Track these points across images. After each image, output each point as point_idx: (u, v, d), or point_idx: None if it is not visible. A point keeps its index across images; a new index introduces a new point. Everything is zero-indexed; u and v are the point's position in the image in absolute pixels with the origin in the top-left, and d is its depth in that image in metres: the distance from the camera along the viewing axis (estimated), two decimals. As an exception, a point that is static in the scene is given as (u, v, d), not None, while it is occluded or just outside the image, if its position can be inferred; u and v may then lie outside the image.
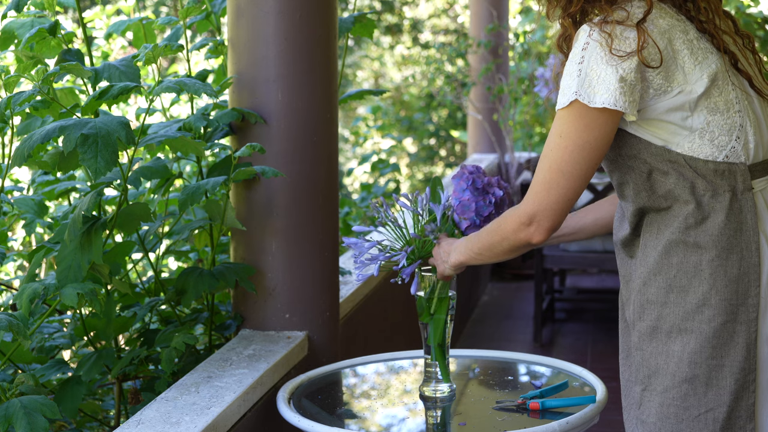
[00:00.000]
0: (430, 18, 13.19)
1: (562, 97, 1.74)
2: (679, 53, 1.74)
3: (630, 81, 1.69)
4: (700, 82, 1.73)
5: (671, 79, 1.73)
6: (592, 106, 1.70)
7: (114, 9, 4.15)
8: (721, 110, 1.75)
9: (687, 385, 1.77)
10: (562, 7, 1.81)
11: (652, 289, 1.80)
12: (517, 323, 5.62)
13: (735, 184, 1.76)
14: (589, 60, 1.71)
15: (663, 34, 1.73)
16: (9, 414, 1.97)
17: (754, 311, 1.75)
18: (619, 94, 1.69)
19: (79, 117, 2.23)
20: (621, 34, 1.71)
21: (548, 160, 1.76)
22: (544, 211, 1.78)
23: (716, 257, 1.75)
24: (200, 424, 1.95)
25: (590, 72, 1.70)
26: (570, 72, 1.73)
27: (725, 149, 1.75)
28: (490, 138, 7.10)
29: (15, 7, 2.38)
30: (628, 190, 1.84)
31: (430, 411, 2.16)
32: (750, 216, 1.76)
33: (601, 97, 1.69)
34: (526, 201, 1.80)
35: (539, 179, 1.78)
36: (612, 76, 1.69)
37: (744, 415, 1.76)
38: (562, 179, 1.75)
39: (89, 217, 2.27)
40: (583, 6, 1.79)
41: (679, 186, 1.77)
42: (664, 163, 1.77)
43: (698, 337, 1.76)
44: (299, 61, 2.52)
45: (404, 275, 2.10)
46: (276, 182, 2.52)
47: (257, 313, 2.58)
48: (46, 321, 2.61)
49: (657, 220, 1.82)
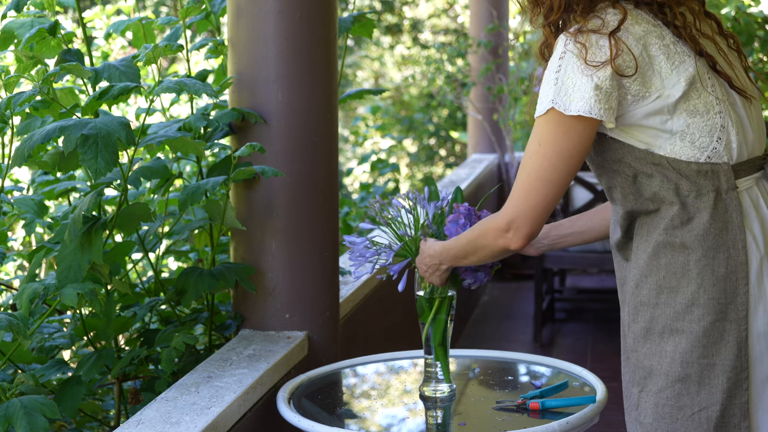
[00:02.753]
0: (430, 18, 13.19)
1: (539, 105, 1.77)
2: (655, 59, 1.75)
3: (605, 89, 1.71)
4: (677, 86, 1.75)
5: (648, 84, 1.74)
6: (568, 114, 1.72)
7: (114, 9, 4.15)
8: (700, 112, 1.76)
9: (680, 385, 1.78)
10: (544, 15, 1.83)
11: (644, 291, 1.82)
12: (517, 323, 5.62)
13: (719, 184, 1.77)
14: (566, 69, 1.73)
15: (638, 41, 1.74)
16: (9, 414, 1.97)
17: (744, 309, 1.76)
18: (594, 102, 1.70)
19: (79, 117, 2.23)
20: (596, 43, 1.72)
21: (527, 167, 1.78)
22: (523, 217, 1.79)
23: (703, 257, 1.76)
24: (200, 424, 1.95)
25: (566, 80, 1.72)
26: (547, 80, 1.76)
27: (707, 150, 1.77)
28: (490, 138, 7.10)
29: (15, 7, 2.38)
30: (616, 193, 1.87)
31: (430, 411, 2.16)
32: (735, 215, 1.77)
33: (576, 104, 1.71)
34: (505, 208, 1.82)
35: (518, 186, 1.80)
36: (587, 85, 1.71)
37: (738, 413, 1.77)
38: (541, 185, 1.77)
39: (89, 217, 2.27)
40: (562, 16, 1.80)
41: (663, 188, 1.78)
42: (648, 165, 1.78)
43: (689, 336, 1.77)
44: (299, 61, 2.52)
45: (391, 272, 2.11)
46: (276, 182, 2.52)
47: (257, 313, 2.58)
48: (46, 321, 2.61)
49: (647, 222, 1.84)
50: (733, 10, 5.65)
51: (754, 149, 1.83)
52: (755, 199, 1.81)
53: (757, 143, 1.84)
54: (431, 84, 7.57)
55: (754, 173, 1.82)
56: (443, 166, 11.43)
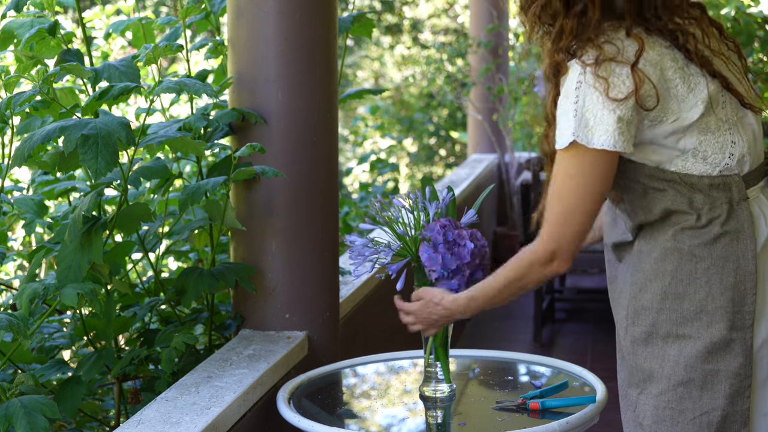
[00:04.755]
0: (430, 18, 13.19)
1: (560, 137, 1.75)
2: (672, 82, 1.73)
3: (627, 119, 1.70)
4: (695, 109, 1.74)
5: (666, 109, 1.73)
6: (591, 147, 1.71)
7: (114, 9, 4.15)
8: (712, 130, 1.76)
9: (682, 389, 1.78)
10: (553, 39, 1.78)
11: (647, 296, 1.82)
12: (517, 323, 5.62)
13: (731, 195, 1.77)
14: (584, 100, 1.70)
15: (655, 66, 1.72)
16: (9, 414, 1.97)
17: (750, 318, 1.76)
18: (618, 135, 1.69)
19: (79, 117, 2.23)
20: (616, 77, 1.69)
21: (561, 201, 1.77)
22: (565, 245, 1.80)
23: (712, 265, 1.76)
24: (200, 424, 1.95)
25: (586, 113, 1.70)
26: (566, 111, 1.73)
27: (719, 166, 1.77)
28: (490, 138, 7.10)
29: (15, 7, 2.38)
30: (624, 207, 1.87)
31: (430, 411, 2.16)
32: (747, 225, 1.77)
33: (599, 138, 1.70)
34: (544, 240, 1.81)
35: (554, 218, 1.79)
36: (610, 118, 1.69)
37: (739, 419, 1.77)
38: (579, 215, 1.77)
39: (89, 217, 2.27)
40: (574, 40, 1.75)
41: (677, 202, 1.78)
42: (659, 182, 1.78)
43: (695, 342, 1.77)
44: (299, 61, 2.52)
45: (390, 271, 2.11)
46: (276, 182, 2.52)
47: (257, 313, 2.58)
48: (46, 321, 2.61)
49: (654, 227, 1.83)
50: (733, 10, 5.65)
51: (759, 158, 1.83)
52: (763, 207, 1.80)
53: (761, 152, 1.84)
54: (431, 84, 7.57)
55: (759, 182, 1.82)
56: (443, 166, 11.42)
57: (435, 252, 2.02)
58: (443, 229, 2.05)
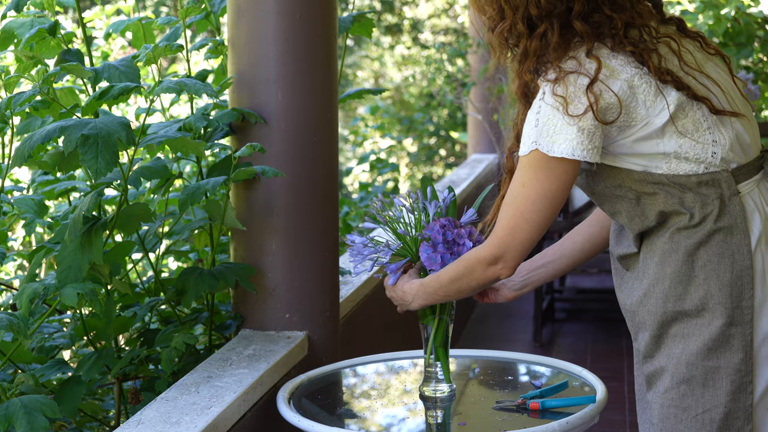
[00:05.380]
0: (430, 18, 13.19)
1: (522, 145, 1.79)
2: (638, 87, 1.74)
3: (588, 129, 1.72)
4: (663, 113, 1.75)
5: (633, 115, 1.75)
6: (551, 155, 1.73)
7: (114, 9, 4.15)
8: (690, 131, 1.76)
9: (685, 386, 1.80)
10: (518, 60, 1.82)
11: (651, 300, 1.84)
12: (517, 323, 5.62)
13: (721, 191, 1.78)
14: (546, 112, 1.74)
15: (618, 75, 1.74)
16: (9, 413, 1.97)
17: (749, 313, 1.77)
18: (577, 144, 1.72)
19: (79, 117, 2.23)
20: (573, 95, 1.72)
21: (512, 207, 1.81)
22: (510, 252, 1.85)
23: (708, 263, 1.78)
24: (200, 424, 1.95)
25: (547, 122, 1.73)
26: (529, 120, 1.77)
27: (704, 163, 1.77)
28: (490, 138, 7.10)
29: (15, 7, 2.38)
30: (622, 218, 1.88)
31: (430, 411, 2.16)
32: (740, 219, 1.78)
33: (560, 147, 1.73)
34: (491, 244, 1.86)
35: (503, 224, 1.83)
36: (571, 129, 1.72)
37: (742, 416, 1.78)
38: (526, 225, 1.81)
39: (89, 217, 2.27)
40: (538, 61, 1.79)
41: (669, 203, 1.79)
42: (649, 185, 1.79)
43: (696, 340, 1.79)
44: (299, 61, 2.52)
45: (388, 270, 2.12)
46: (276, 182, 2.52)
47: (257, 313, 2.58)
48: (46, 321, 2.61)
49: (653, 233, 1.85)
50: (732, 10, 5.65)
51: (751, 152, 1.83)
52: (757, 201, 1.81)
53: (753, 146, 1.84)
54: (431, 84, 7.57)
55: (754, 176, 1.82)
56: (443, 166, 11.42)
57: (434, 252, 2.03)
58: (443, 228, 2.05)
